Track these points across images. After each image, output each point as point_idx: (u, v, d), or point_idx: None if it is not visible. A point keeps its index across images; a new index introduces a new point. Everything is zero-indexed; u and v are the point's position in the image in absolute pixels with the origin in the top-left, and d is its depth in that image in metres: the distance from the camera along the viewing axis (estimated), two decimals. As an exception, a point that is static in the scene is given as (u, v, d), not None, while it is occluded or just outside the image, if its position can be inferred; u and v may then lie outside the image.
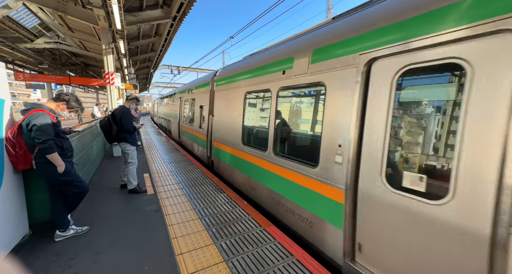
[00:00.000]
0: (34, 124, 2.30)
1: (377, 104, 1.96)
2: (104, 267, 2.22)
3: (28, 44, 11.90)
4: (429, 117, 1.80)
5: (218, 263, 2.29)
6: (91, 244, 2.58)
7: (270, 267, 2.25)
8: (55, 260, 2.29)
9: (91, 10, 6.55)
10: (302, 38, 3.05)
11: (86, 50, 13.31)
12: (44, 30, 11.58)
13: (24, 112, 2.41)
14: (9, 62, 15.83)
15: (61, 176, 2.47)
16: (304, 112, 3.17)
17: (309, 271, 2.21)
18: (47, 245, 2.53)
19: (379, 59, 1.97)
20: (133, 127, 3.94)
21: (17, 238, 2.48)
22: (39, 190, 2.78)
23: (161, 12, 8.42)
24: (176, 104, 10.71)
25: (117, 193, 4.09)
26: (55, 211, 2.64)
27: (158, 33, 11.21)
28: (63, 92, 2.73)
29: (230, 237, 2.76)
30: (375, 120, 1.97)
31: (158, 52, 13.55)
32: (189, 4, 7.67)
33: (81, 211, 3.29)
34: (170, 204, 3.62)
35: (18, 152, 2.40)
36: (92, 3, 6.01)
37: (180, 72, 24.36)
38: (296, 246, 2.61)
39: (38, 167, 2.43)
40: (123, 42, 8.02)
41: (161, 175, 5.14)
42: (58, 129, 2.54)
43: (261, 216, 3.32)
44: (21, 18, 10.33)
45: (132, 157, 3.99)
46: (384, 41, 1.91)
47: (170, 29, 9.59)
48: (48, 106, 2.54)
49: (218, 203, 3.74)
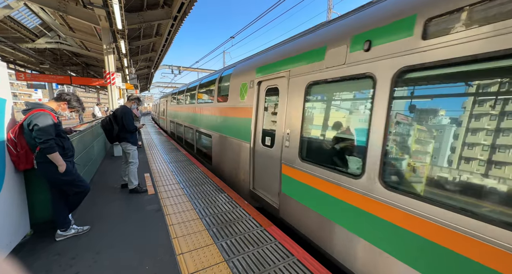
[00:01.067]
0: (36, 124, 2.30)
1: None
2: (105, 266, 2.22)
3: (30, 44, 11.94)
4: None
5: (219, 263, 2.29)
6: (92, 243, 2.58)
7: (270, 267, 2.25)
8: (56, 259, 2.30)
9: (92, 10, 6.57)
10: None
11: (87, 50, 13.35)
12: (45, 30, 11.62)
13: (26, 112, 2.42)
14: (10, 62, 15.90)
15: (62, 176, 2.47)
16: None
17: (310, 271, 2.21)
18: (48, 245, 2.53)
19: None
20: (134, 127, 3.94)
21: (18, 237, 2.49)
22: (40, 189, 2.79)
23: (162, 12, 8.43)
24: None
25: (118, 192, 4.09)
26: (56, 210, 2.65)
27: (159, 33, 11.23)
28: (64, 92, 2.73)
29: (230, 237, 2.76)
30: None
31: (159, 52, 13.58)
32: (190, 4, 7.68)
33: (82, 210, 3.30)
34: (170, 204, 3.63)
35: (20, 151, 2.41)
36: (93, 3, 6.03)
37: (180, 72, 24.39)
38: (297, 246, 2.61)
39: (39, 166, 2.44)
40: (124, 42, 8.04)
41: (161, 174, 5.14)
42: (59, 129, 2.54)
43: (262, 216, 3.32)
44: (23, 18, 10.37)
45: (133, 157, 4.00)
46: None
47: (171, 29, 9.61)
48: (49, 106, 2.55)
49: (218, 202, 3.74)
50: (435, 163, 1.73)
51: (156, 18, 8.48)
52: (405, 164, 1.90)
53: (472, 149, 1.55)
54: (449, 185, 1.63)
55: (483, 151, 1.49)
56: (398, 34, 1.89)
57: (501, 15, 1.37)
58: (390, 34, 1.95)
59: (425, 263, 1.66)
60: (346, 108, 2.54)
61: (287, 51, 3.31)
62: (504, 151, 1.43)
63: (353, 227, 2.20)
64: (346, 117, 2.51)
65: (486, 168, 1.47)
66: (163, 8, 8.38)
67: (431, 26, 1.69)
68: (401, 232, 1.79)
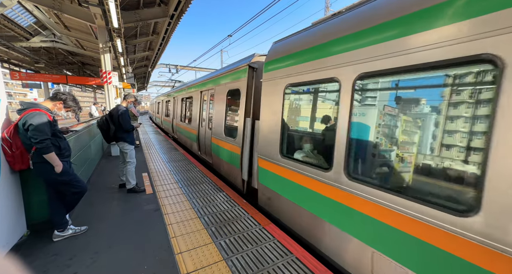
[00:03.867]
0: (31, 124, 2.27)
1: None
2: (103, 266, 2.21)
3: (24, 43, 11.78)
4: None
5: (218, 262, 2.29)
6: (90, 243, 2.57)
7: (269, 265, 2.26)
8: (53, 260, 2.28)
9: (87, 8, 6.49)
10: None
11: (83, 49, 13.21)
12: (40, 28, 11.46)
13: (21, 112, 2.39)
14: (4, 61, 15.69)
15: (59, 176, 2.45)
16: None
17: (309, 269, 2.22)
18: (46, 245, 2.51)
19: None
20: (131, 127, 3.92)
21: (15, 238, 2.47)
22: (37, 190, 2.76)
23: (159, 10, 8.35)
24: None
25: (115, 192, 4.07)
26: (53, 211, 2.63)
27: (156, 31, 11.13)
28: (60, 92, 2.70)
29: (229, 235, 2.76)
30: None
31: (156, 50, 13.47)
32: (187, 2, 7.62)
33: (79, 210, 3.28)
34: (169, 203, 3.62)
35: (15, 151, 2.38)
36: (89, 1, 5.96)
37: (178, 71, 24.24)
38: (296, 244, 2.62)
39: (35, 167, 2.41)
40: (121, 41, 7.96)
41: (159, 174, 5.13)
42: (55, 129, 2.52)
43: (260, 215, 3.33)
44: (16, 16, 10.21)
45: (131, 156, 3.98)
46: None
47: (168, 28, 9.53)
48: (45, 106, 2.52)
49: (217, 201, 3.74)
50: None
51: (152, 17, 8.40)
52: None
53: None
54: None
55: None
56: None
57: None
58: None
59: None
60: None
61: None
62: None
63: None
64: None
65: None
66: (159, 6, 8.30)
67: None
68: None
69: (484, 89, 1.45)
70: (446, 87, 1.64)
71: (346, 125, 2.14)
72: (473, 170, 1.45)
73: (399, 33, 1.76)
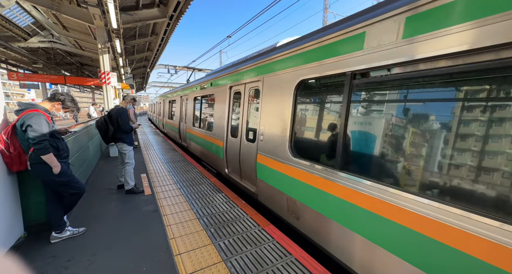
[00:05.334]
0: (29, 125, 2.26)
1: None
2: (102, 268, 2.20)
3: (22, 43, 11.72)
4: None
5: (217, 263, 2.28)
6: (88, 245, 2.55)
7: (268, 266, 2.26)
8: (51, 262, 2.26)
9: (86, 9, 6.47)
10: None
11: (81, 50, 13.17)
12: (38, 29, 11.41)
13: (18, 113, 2.37)
14: (2, 61, 15.60)
15: (57, 177, 2.44)
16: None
17: (308, 270, 2.22)
18: (43, 247, 2.49)
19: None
20: (130, 127, 3.91)
21: (12, 240, 2.45)
22: (35, 191, 2.74)
23: (158, 11, 8.35)
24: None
25: (114, 193, 4.05)
26: (51, 212, 2.61)
27: (155, 32, 11.12)
28: (58, 92, 2.69)
29: (228, 236, 2.76)
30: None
31: (155, 51, 13.45)
32: (186, 3, 7.62)
33: (77, 212, 3.26)
34: (168, 204, 3.60)
35: (12, 152, 2.36)
36: (87, 1, 5.94)
37: (177, 71, 24.22)
38: (295, 245, 2.61)
39: (33, 168, 2.40)
40: (119, 42, 7.95)
41: (158, 175, 5.11)
42: (53, 130, 2.50)
43: (260, 216, 3.32)
44: (14, 16, 10.16)
45: (129, 157, 3.96)
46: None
47: (167, 28, 9.52)
48: (43, 107, 2.50)
49: (216, 202, 3.73)
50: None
51: (151, 17, 8.39)
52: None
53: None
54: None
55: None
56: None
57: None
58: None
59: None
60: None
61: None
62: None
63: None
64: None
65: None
66: (158, 7, 8.29)
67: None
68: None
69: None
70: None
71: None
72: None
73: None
